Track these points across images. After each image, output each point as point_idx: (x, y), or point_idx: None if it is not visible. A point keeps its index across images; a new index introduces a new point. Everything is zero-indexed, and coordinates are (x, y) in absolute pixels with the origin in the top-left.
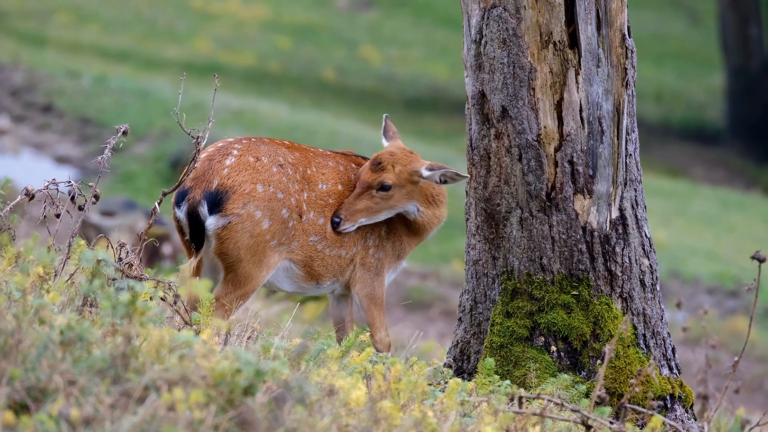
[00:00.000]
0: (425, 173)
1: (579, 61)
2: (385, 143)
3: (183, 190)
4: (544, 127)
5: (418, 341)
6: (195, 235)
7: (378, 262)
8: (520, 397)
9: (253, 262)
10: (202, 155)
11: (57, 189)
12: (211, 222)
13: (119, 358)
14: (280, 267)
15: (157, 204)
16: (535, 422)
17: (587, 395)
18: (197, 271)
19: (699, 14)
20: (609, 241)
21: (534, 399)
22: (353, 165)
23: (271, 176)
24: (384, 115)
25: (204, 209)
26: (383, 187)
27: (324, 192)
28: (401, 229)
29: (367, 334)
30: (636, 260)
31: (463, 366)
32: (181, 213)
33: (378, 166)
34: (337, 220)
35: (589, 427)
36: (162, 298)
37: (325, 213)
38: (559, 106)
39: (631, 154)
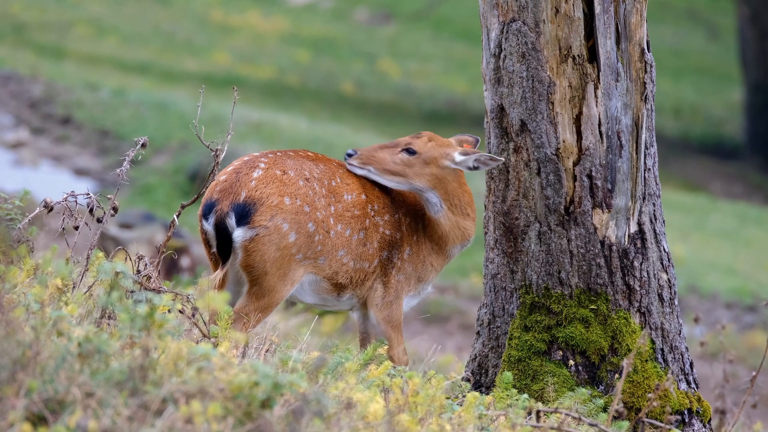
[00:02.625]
0: (458, 158)
1: (598, 76)
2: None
3: (210, 203)
4: (563, 141)
5: (436, 355)
6: (222, 247)
7: (398, 284)
8: (538, 411)
9: (278, 276)
10: (228, 168)
11: (76, 201)
12: (239, 234)
13: (137, 370)
14: (305, 280)
15: (175, 216)
16: None
17: (605, 409)
18: (222, 285)
19: (718, 29)
20: (627, 256)
21: (552, 413)
22: None
23: (297, 189)
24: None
25: (232, 221)
26: (408, 150)
27: (350, 203)
28: (425, 246)
29: (386, 347)
30: (654, 275)
31: (481, 380)
32: (209, 225)
33: (417, 134)
34: (351, 152)
35: None
36: (180, 311)
37: (351, 224)
38: (578, 120)
39: (649, 169)
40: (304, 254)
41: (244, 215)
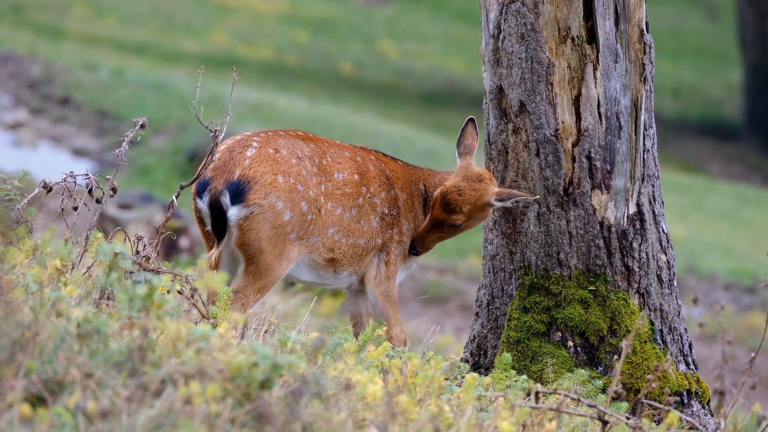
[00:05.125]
0: (496, 204)
1: (597, 57)
2: (457, 159)
3: (204, 181)
4: (562, 123)
5: (435, 336)
6: (217, 226)
7: (396, 258)
8: (537, 392)
9: (273, 254)
10: (221, 147)
11: (74, 182)
12: (234, 212)
13: (136, 351)
14: (301, 260)
15: (174, 197)
16: (552, 417)
17: (604, 390)
18: (216, 264)
19: (717, 10)
20: (626, 237)
21: (550, 394)
22: (372, 157)
23: (290, 168)
24: (468, 118)
25: (226, 199)
26: (454, 225)
27: (340, 181)
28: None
29: (384, 328)
30: (653, 256)
31: (479, 361)
32: (203, 203)
33: (447, 206)
34: (413, 251)
35: (605, 423)
36: (179, 292)
37: (342, 203)
38: (576, 102)
39: (648, 150)
40: (297, 234)
41: (238, 194)
